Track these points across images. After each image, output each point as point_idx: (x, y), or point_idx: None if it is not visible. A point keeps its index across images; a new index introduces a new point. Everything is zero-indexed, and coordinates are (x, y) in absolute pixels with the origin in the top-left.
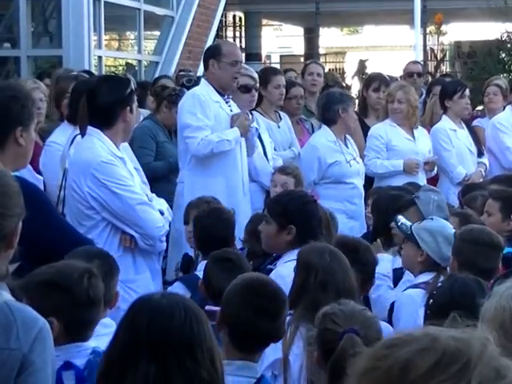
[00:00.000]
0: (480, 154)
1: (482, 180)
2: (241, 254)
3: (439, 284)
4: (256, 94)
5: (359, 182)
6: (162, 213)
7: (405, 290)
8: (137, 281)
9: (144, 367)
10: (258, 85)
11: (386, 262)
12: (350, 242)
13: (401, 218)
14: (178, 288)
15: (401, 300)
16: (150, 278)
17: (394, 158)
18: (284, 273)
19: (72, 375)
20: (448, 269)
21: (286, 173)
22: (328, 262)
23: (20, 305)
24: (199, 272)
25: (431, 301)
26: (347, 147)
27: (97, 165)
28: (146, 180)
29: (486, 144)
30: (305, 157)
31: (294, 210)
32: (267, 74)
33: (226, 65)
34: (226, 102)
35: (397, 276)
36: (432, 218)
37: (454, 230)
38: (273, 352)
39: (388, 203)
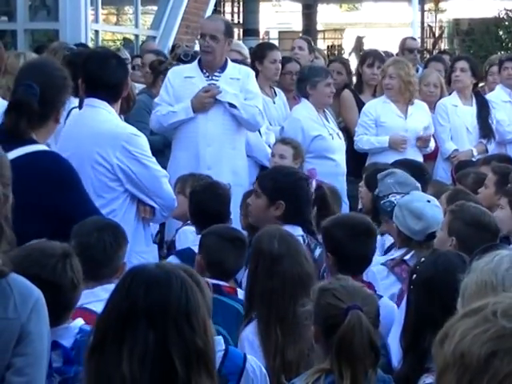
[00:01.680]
0: (485, 136)
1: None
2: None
3: (422, 259)
4: (243, 66)
5: (342, 159)
6: None
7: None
8: (148, 252)
9: (143, 334)
10: (248, 60)
11: None
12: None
13: (391, 196)
14: (172, 262)
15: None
16: (155, 251)
17: (382, 134)
18: None
19: (59, 355)
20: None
21: (285, 143)
22: (276, 248)
23: (16, 276)
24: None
25: (414, 276)
26: (328, 121)
27: (126, 136)
28: None
29: None
30: (288, 129)
31: (284, 186)
32: (263, 49)
33: (199, 39)
34: (207, 77)
35: None
36: (409, 193)
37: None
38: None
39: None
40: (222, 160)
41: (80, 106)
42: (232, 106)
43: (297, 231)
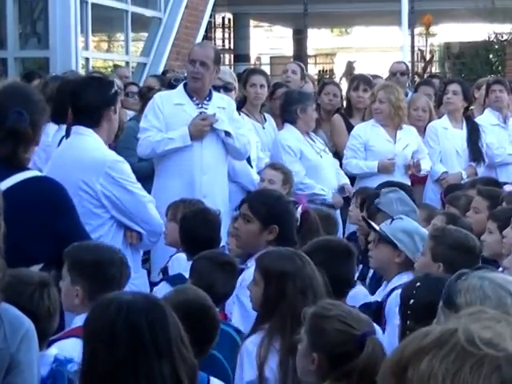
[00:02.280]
0: (475, 160)
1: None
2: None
3: (418, 284)
4: (224, 95)
5: (332, 174)
6: None
7: (390, 292)
8: (137, 278)
9: (156, 367)
10: (231, 86)
11: None
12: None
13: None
14: (163, 288)
15: (393, 302)
16: (145, 277)
17: (370, 158)
18: None
19: None
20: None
21: (274, 168)
22: (302, 267)
23: (6, 305)
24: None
25: (412, 301)
26: (313, 141)
27: (110, 163)
28: None
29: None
30: (275, 153)
31: (278, 211)
32: (246, 74)
33: (187, 64)
34: (197, 105)
35: None
36: (401, 218)
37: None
38: (250, 369)
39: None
40: (216, 188)
41: (67, 135)
42: (227, 134)
43: None
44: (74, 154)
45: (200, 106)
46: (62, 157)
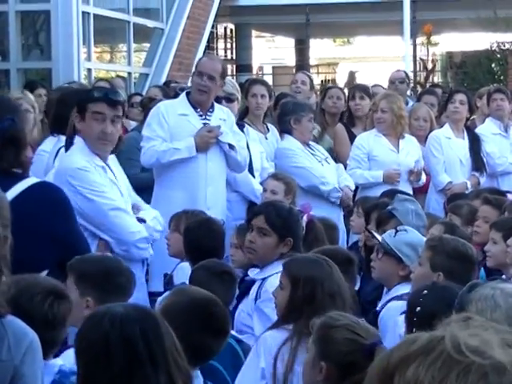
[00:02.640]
0: (478, 169)
1: (467, 191)
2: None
3: (425, 292)
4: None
5: (334, 182)
6: (143, 221)
7: (386, 302)
8: (136, 292)
9: (153, 376)
10: (234, 97)
11: None
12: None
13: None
14: None
15: (386, 314)
16: (145, 289)
17: (374, 168)
18: None
19: None
20: None
21: (277, 178)
22: (330, 272)
23: (11, 317)
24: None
25: (418, 308)
26: (314, 150)
27: (72, 171)
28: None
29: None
30: (280, 163)
31: (292, 223)
32: (248, 85)
33: (194, 76)
34: (200, 116)
35: None
36: (406, 230)
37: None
38: (267, 360)
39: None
40: (219, 200)
41: (66, 147)
42: (230, 147)
43: None
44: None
45: (203, 117)
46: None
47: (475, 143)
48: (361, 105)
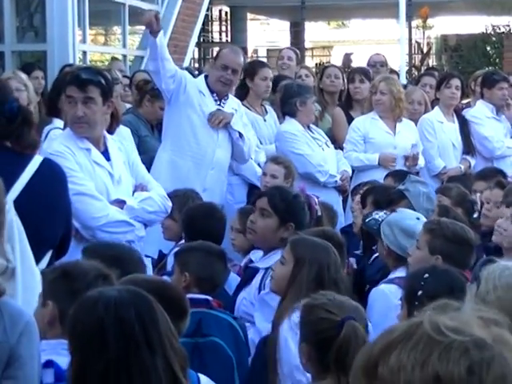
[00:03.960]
0: (469, 152)
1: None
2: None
3: (426, 275)
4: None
5: (333, 168)
6: (123, 201)
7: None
8: None
9: (149, 361)
10: None
11: None
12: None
13: (375, 214)
14: None
15: (373, 295)
16: None
17: (370, 151)
18: None
19: (51, 373)
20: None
21: (277, 162)
22: (335, 260)
23: (6, 299)
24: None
25: (420, 292)
26: (314, 133)
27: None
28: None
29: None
30: (281, 146)
31: (296, 209)
32: (254, 67)
33: (216, 67)
34: (215, 100)
35: None
36: (395, 210)
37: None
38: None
39: (378, 197)
40: (218, 185)
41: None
42: (240, 136)
43: None
44: None
45: (218, 102)
46: None
47: (465, 126)
48: (360, 88)
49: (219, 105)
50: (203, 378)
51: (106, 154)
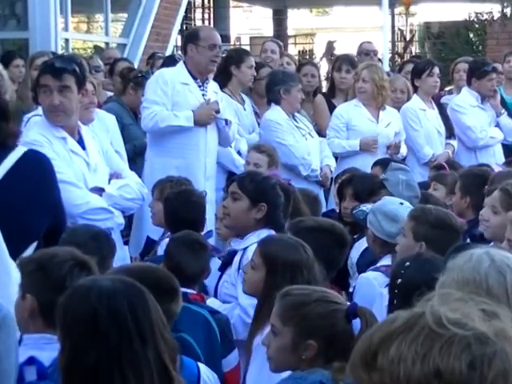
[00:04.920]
0: (450, 136)
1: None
2: (203, 235)
3: (407, 264)
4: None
5: (316, 159)
6: (101, 190)
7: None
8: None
9: (142, 353)
10: None
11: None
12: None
13: (362, 206)
14: None
15: (358, 283)
16: (127, 253)
17: (353, 138)
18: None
19: (33, 371)
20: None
21: (260, 151)
22: (307, 259)
23: None
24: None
25: (399, 280)
26: (298, 123)
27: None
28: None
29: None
30: (265, 134)
31: (266, 189)
32: (240, 54)
33: (203, 49)
34: (199, 86)
35: None
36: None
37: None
38: None
39: (357, 188)
40: (214, 171)
41: None
42: (226, 122)
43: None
44: None
45: (201, 88)
46: None
47: (443, 111)
48: (346, 78)
49: (202, 89)
50: (202, 366)
51: (81, 142)
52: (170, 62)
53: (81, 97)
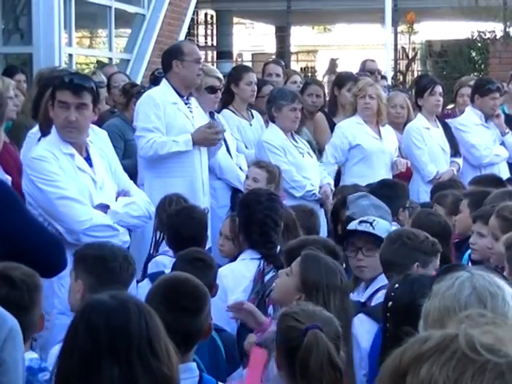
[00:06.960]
0: (455, 154)
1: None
2: (209, 253)
3: (396, 285)
4: (219, 95)
5: (315, 176)
6: (106, 207)
7: (374, 293)
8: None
9: (108, 372)
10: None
11: None
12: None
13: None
14: (147, 285)
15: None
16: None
17: (358, 155)
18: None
19: None
20: None
21: (259, 166)
22: (342, 283)
23: None
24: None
25: (390, 303)
26: (296, 142)
27: (28, 161)
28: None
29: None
30: (259, 153)
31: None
32: (239, 72)
33: (189, 63)
34: (186, 104)
35: None
36: (373, 220)
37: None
38: None
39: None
40: (208, 187)
41: (42, 135)
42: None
43: (253, 255)
44: None
45: (187, 104)
46: None
47: (447, 129)
48: (349, 96)
49: (189, 107)
50: None
51: (88, 160)
52: (155, 80)
53: (94, 115)
